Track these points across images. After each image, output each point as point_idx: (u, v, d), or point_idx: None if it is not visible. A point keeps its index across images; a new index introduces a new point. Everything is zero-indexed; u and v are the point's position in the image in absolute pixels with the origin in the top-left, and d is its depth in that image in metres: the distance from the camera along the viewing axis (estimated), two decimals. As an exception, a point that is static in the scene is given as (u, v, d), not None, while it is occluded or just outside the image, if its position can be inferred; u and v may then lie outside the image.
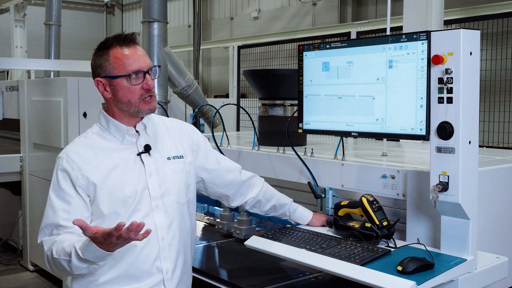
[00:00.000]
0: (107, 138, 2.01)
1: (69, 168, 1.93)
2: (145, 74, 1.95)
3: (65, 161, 1.95)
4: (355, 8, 10.66)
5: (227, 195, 2.31)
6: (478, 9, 6.51)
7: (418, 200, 2.13)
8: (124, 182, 1.94)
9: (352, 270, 1.87)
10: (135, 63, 1.93)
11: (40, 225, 1.93)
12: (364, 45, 2.20)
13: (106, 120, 2.02)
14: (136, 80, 1.93)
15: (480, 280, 1.94)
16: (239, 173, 2.32)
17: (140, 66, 1.94)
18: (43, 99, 5.16)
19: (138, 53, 1.96)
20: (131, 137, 2.01)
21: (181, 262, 2.05)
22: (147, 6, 4.60)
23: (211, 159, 2.25)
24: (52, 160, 4.67)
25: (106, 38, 1.99)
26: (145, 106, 1.97)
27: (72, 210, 1.89)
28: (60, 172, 1.95)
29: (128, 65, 1.93)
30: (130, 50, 1.95)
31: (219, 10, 13.88)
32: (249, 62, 7.30)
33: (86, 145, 1.99)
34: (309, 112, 2.45)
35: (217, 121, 5.18)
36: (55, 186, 1.95)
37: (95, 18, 17.37)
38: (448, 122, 1.84)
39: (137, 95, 1.95)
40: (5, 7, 9.37)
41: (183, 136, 2.16)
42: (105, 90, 1.97)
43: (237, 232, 2.87)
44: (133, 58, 1.94)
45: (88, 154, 1.96)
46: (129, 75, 1.93)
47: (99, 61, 1.96)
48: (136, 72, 1.93)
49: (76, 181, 1.92)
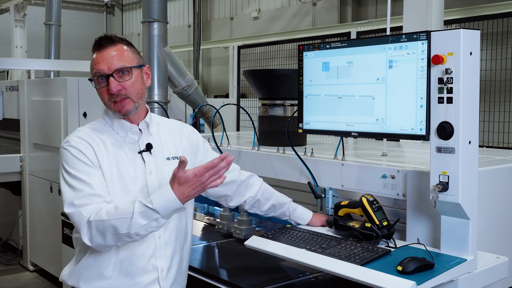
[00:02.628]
0: (111, 133, 2.02)
1: (83, 147, 1.92)
2: (108, 78, 1.94)
3: (77, 142, 1.94)
4: (355, 8, 10.66)
5: (227, 194, 2.31)
6: (478, 9, 6.51)
7: (418, 200, 2.13)
8: (125, 179, 1.95)
9: (352, 270, 1.87)
10: (96, 66, 1.95)
11: (73, 200, 1.85)
12: (364, 45, 2.20)
13: (110, 117, 2.04)
14: (98, 84, 1.96)
15: (480, 280, 1.94)
16: (238, 173, 2.32)
17: (100, 69, 1.94)
18: (43, 99, 5.16)
19: (106, 56, 1.95)
20: (133, 135, 2.03)
21: (177, 262, 2.07)
22: (147, 6, 4.60)
23: (210, 159, 2.24)
24: (52, 160, 4.62)
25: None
26: (116, 108, 1.98)
27: (96, 181, 1.89)
28: (73, 151, 1.92)
29: (92, 68, 1.97)
30: (100, 53, 1.96)
31: (219, 10, 13.88)
32: (249, 62, 7.29)
33: (93, 134, 1.99)
34: (309, 112, 2.44)
35: (217, 121, 5.18)
36: (71, 164, 1.91)
37: (95, 18, 17.37)
38: (448, 122, 1.84)
39: (106, 98, 1.97)
40: (5, 7, 9.37)
41: (183, 137, 2.18)
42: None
43: (237, 232, 2.86)
44: (97, 62, 1.96)
45: (95, 141, 1.96)
46: (92, 79, 1.97)
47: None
48: (98, 75, 1.95)
49: (91, 157, 1.92)
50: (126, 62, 1.96)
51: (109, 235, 1.79)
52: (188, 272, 2.36)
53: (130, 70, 1.96)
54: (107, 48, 1.95)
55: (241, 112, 6.65)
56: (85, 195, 1.85)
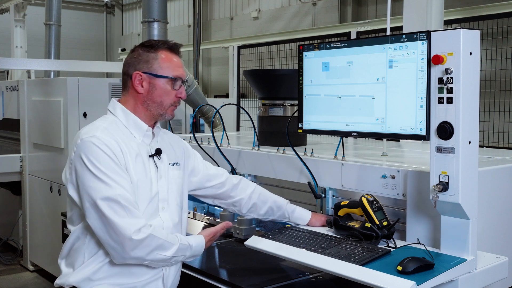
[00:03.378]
0: (126, 133, 2.01)
1: (113, 147, 1.89)
2: (182, 83, 2.06)
3: (107, 140, 1.89)
4: (355, 8, 10.66)
5: (217, 195, 2.37)
6: (478, 9, 6.50)
7: (418, 200, 2.13)
8: (142, 182, 1.97)
9: (352, 270, 1.87)
10: (180, 70, 2.05)
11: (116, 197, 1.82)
12: (364, 45, 2.20)
13: (126, 115, 2.03)
14: (177, 86, 2.03)
15: (480, 280, 1.94)
16: (227, 176, 2.39)
17: (183, 75, 2.06)
18: (43, 99, 5.16)
19: (181, 63, 2.08)
20: (146, 138, 2.06)
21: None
22: (147, 6, 4.60)
23: (201, 165, 2.33)
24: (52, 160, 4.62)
25: (154, 40, 2.12)
26: (170, 112, 2.06)
27: (127, 185, 1.89)
28: (104, 148, 1.87)
29: (174, 70, 2.02)
30: (177, 58, 2.07)
31: (219, 10, 13.88)
32: (249, 62, 7.29)
33: (112, 133, 1.95)
34: (309, 112, 2.45)
35: (217, 121, 5.18)
36: (102, 161, 1.85)
37: (95, 18, 17.37)
38: (448, 122, 1.84)
39: (171, 100, 2.04)
40: (5, 7, 9.36)
41: (176, 144, 2.24)
42: (141, 85, 2.01)
43: (237, 232, 2.86)
44: (178, 66, 2.05)
45: (119, 142, 1.94)
46: (174, 79, 2.02)
47: (146, 56, 2.01)
48: (179, 79, 2.03)
49: (121, 160, 1.90)
50: None
51: (151, 252, 1.87)
52: (188, 272, 2.37)
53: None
54: (179, 55, 2.09)
55: (241, 112, 6.65)
56: (129, 193, 1.86)
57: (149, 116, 2.04)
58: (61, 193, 4.83)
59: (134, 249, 1.83)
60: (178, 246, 1.92)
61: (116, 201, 1.83)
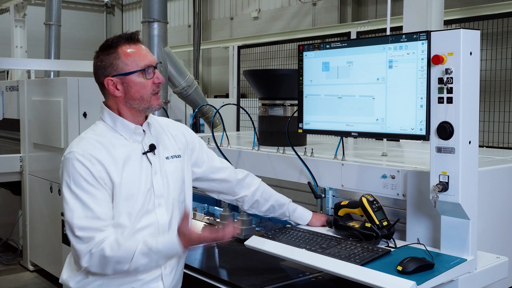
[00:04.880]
0: (114, 136, 2.01)
1: (88, 163, 1.90)
2: (154, 69, 2.01)
3: (81, 156, 1.91)
4: (355, 8, 10.65)
5: (220, 191, 2.37)
6: (478, 9, 6.50)
7: (418, 200, 2.13)
8: (134, 181, 1.97)
9: (352, 270, 1.87)
10: (146, 58, 2.00)
11: (72, 226, 1.87)
12: (364, 45, 2.20)
13: (113, 118, 2.03)
14: (150, 75, 1.99)
15: (480, 280, 1.94)
16: (233, 171, 2.37)
17: (150, 61, 2.01)
18: (43, 99, 5.16)
19: (144, 50, 2.03)
20: (137, 136, 2.04)
21: (178, 258, 2.09)
22: (147, 6, 4.60)
23: (206, 156, 2.31)
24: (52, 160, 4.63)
25: (110, 39, 2.02)
26: (155, 101, 2.02)
27: (100, 202, 1.90)
28: (77, 165, 1.90)
29: (139, 60, 1.98)
30: (137, 47, 2.01)
31: (219, 10, 13.87)
32: (249, 62, 7.29)
33: (97, 142, 1.97)
34: (309, 112, 2.45)
35: (217, 121, 5.18)
36: (75, 180, 1.90)
37: (95, 18, 17.36)
38: (448, 122, 1.84)
39: (150, 90, 2.00)
40: (5, 7, 9.37)
41: (178, 135, 2.20)
42: (116, 89, 1.99)
43: (237, 232, 2.86)
44: (142, 54, 2.00)
45: (101, 150, 1.95)
46: (144, 70, 1.98)
47: (109, 60, 1.98)
48: (148, 66, 1.99)
49: (98, 173, 1.91)
50: None
51: (109, 268, 1.88)
52: (189, 272, 2.37)
53: (160, 65, 2.05)
54: (140, 43, 2.04)
55: (241, 112, 6.65)
56: (89, 217, 1.87)
57: (135, 113, 2.02)
58: (61, 193, 4.83)
59: (91, 268, 1.90)
60: (134, 256, 1.86)
61: (73, 229, 1.87)
